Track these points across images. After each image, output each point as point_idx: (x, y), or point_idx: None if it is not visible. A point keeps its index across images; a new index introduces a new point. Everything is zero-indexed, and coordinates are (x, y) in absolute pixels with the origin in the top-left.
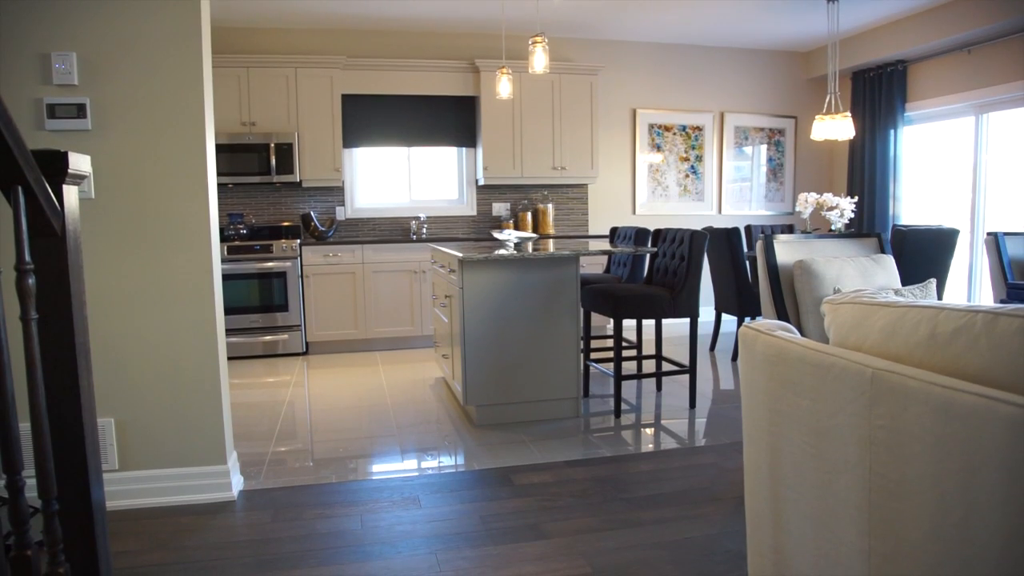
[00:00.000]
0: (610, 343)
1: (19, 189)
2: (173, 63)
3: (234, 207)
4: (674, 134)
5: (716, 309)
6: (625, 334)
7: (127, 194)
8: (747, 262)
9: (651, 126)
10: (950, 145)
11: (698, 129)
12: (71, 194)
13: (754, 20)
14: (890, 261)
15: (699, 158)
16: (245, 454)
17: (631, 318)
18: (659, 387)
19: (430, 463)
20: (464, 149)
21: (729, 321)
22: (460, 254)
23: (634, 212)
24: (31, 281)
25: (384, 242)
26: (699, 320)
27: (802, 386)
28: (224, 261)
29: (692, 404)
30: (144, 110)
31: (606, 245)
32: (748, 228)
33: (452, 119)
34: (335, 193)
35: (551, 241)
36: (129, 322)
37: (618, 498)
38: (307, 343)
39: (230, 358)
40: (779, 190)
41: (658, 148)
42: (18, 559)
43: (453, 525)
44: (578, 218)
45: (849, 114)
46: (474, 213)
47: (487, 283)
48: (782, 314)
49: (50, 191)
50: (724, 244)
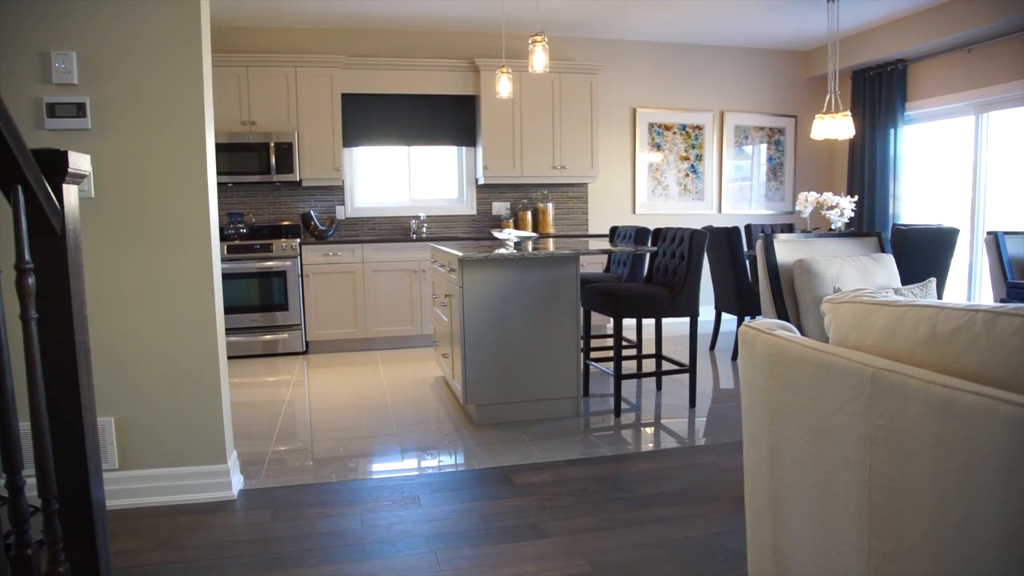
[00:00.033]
0: (610, 342)
1: (19, 188)
2: (173, 62)
3: (234, 206)
4: (674, 133)
5: (716, 308)
6: (625, 333)
7: (127, 193)
8: (747, 261)
9: (651, 125)
10: (950, 144)
11: (698, 128)
12: (71, 193)
13: (754, 19)
14: (890, 260)
15: (699, 157)
16: (245, 453)
17: (631, 317)
18: (659, 386)
19: (430, 462)
20: (464, 148)
21: (729, 320)
22: (460, 253)
23: (634, 211)
24: (31, 280)
25: (384, 241)
26: (699, 319)
27: (802, 385)
28: (224, 260)
29: (692, 403)
30: (144, 109)
31: (606, 244)
32: (748, 227)
33: (452, 118)
34: (335, 192)
35: (551, 240)
36: (129, 321)
37: (618, 497)
38: (307, 342)
39: (230, 357)
40: (779, 189)
41: (658, 147)
42: (18, 558)
43: (453, 524)
44: (578, 217)
45: (849, 113)
46: (474, 212)
47: (487, 282)
48: (782, 313)
49: (50, 190)
50: (724, 243)
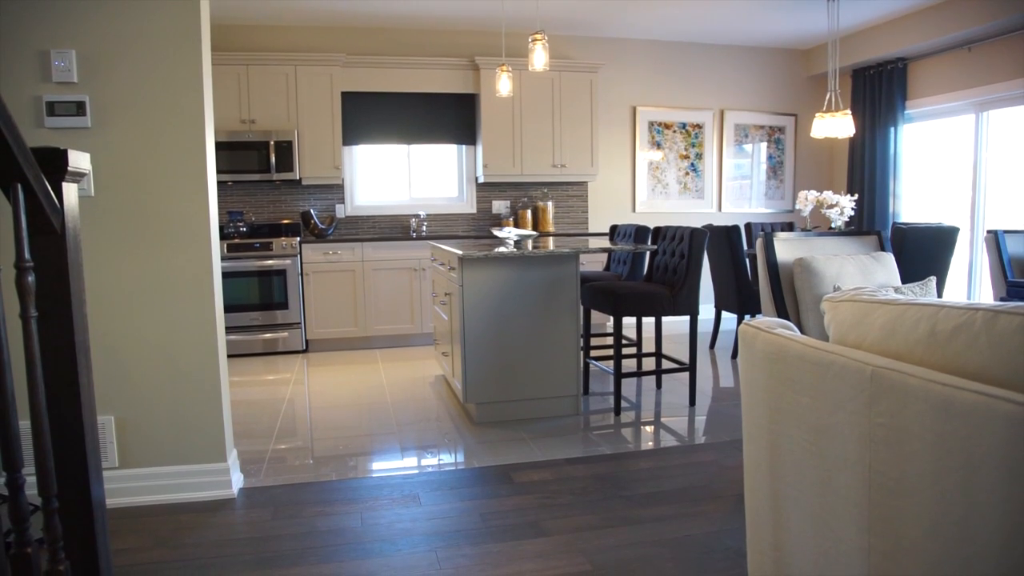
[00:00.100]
0: (610, 341)
1: (19, 187)
2: (173, 61)
3: (234, 205)
4: (674, 132)
5: (716, 307)
6: (625, 332)
7: (127, 192)
8: (747, 260)
9: (651, 124)
10: (950, 143)
11: (698, 127)
12: (71, 192)
13: (754, 17)
14: (890, 259)
15: (699, 156)
16: (245, 452)
17: (631, 316)
18: (659, 385)
19: (430, 461)
20: (464, 147)
21: (729, 319)
22: (460, 252)
23: (634, 210)
24: (31, 279)
25: (384, 240)
26: (699, 318)
27: (802, 384)
28: (224, 259)
29: (692, 402)
30: (144, 108)
31: (606, 243)
32: (748, 226)
33: (452, 116)
34: (335, 191)
35: (551, 239)
36: (129, 320)
37: (618, 496)
38: (307, 341)
39: (230, 356)
40: (779, 188)
41: (658, 146)
42: (18, 557)
43: (453, 523)
44: (578, 216)
45: (849, 112)
46: (474, 211)
47: (487, 281)
48: (782, 312)
49: (49, 189)
50: (724, 242)
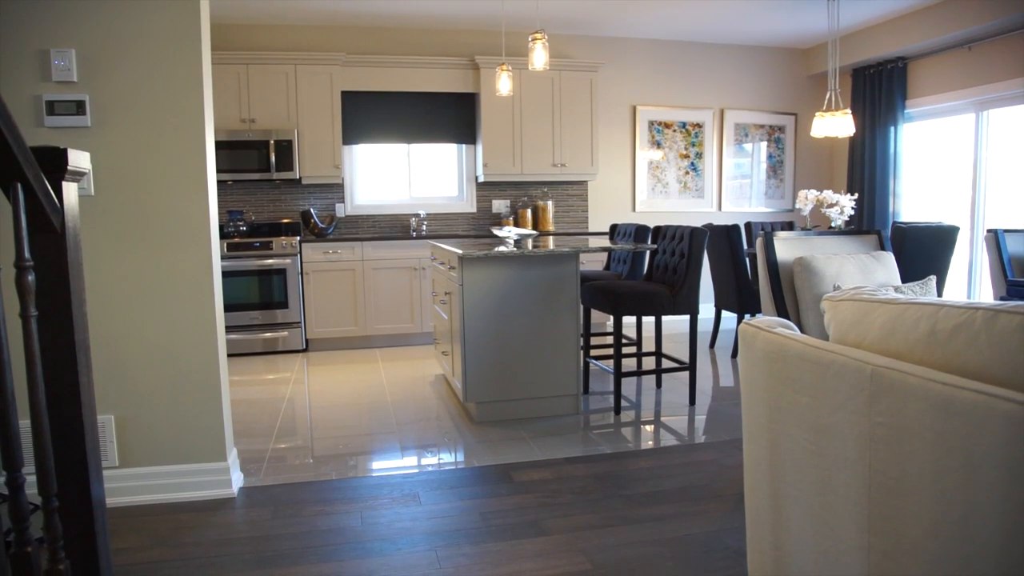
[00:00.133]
0: (610, 340)
1: (18, 186)
2: (173, 60)
3: (234, 204)
4: (674, 131)
5: (716, 306)
6: (625, 331)
7: (127, 191)
8: (747, 259)
9: (651, 123)
10: (950, 142)
11: (698, 126)
12: (70, 191)
13: (754, 17)
14: (890, 258)
15: (699, 155)
16: (245, 451)
17: (631, 315)
18: (659, 384)
19: (430, 460)
20: (464, 146)
21: (729, 318)
22: (460, 251)
23: (634, 209)
24: (31, 278)
25: (384, 239)
26: (699, 317)
27: (802, 383)
28: (224, 258)
29: (692, 401)
30: (144, 107)
31: (606, 242)
32: (748, 225)
33: (452, 116)
34: (335, 190)
35: (551, 238)
36: (129, 319)
37: (618, 495)
38: (307, 340)
39: (230, 355)
40: (779, 187)
41: (658, 145)
42: (18, 556)
43: (453, 522)
44: (578, 215)
45: (849, 111)
46: (474, 210)
47: (487, 280)
48: (782, 311)
49: (49, 188)
50: (724, 241)
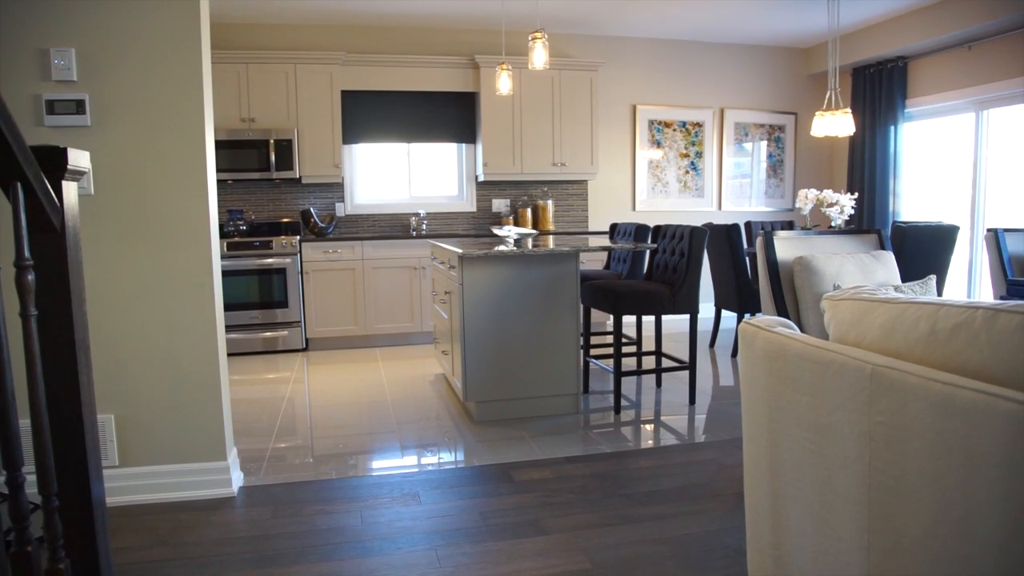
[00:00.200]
0: (610, 339)
1: (18, 185)
2: (173, 59)
3: (234, 203)
4: (674, 130)
5: (716, 305)
6: (625, 330)
7: (127, 190)
8: (747, 258)
9: (651, 122)
10: (950, 141)
11: (698, 125)
12: (70, 190)
13: (754, 16)
14: (890, 257)
15: (699, 154)
16: (245, 450)
17: (631, 314)
18: (659, 383)
19: (430, 459)
20: (464, 145)
21: (729, 317)
22: (460, 250)
23: (634, 208)
24: (31, 277)
25: (384, 238)
26: (699, 316)
27: (802, 382)
28: (224, 257)
29: (692, 400)
30: (144, 106)
31: (606, 241)
32: (748, 224)
33: (452, 115)
34: (335, 189)
35: (551, 237)
36: (129, 318)
37: (618, 494)
38: (307, 339)
39: (230, 354)
40: (779, 186)
41: (658, 144)
42: (18, 555)
43: (453, 521)
44: (578, 214)
45: (849, 110)
46: (474, 209)
47: (487, 279)
48: (782, 310)
49: (49, 187)
50: (724, 240)
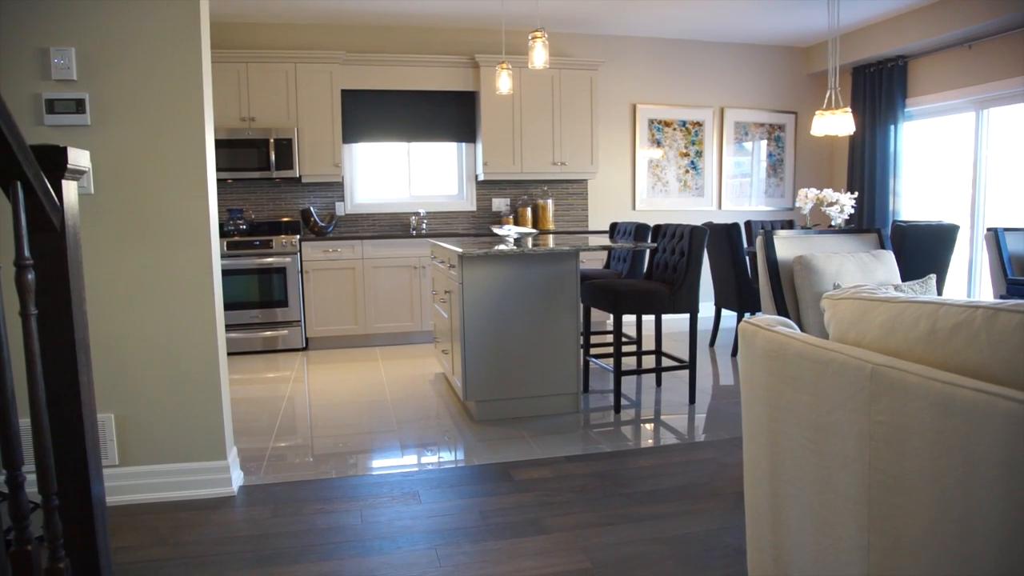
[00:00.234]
0: (610, 339)
1: (18, 184)
2: (173, 58)
3: (233, 203)
4: (674, 129)
5: (716, 305)
6: (625, 330)
7: (126, 190)
8: (747, 258)
9: (651, 121)
10: (950, 141)
11: (698, 124)
12: (70, 189)
13: (754, 15)
14: (890, 257)
15: (699, 153)
16: (245, 449)
17: (631, 313)
18: (659, 383)
19: (430, 458)
20: (464, 144)
21: (729, 317)
22: (460, 250)
23: (634, 207)
24: (30, 277)
25: (384, 238)
26: (699, 316)
27: (802, 381)
28: (224, 257)
29: (692, 400)
30: (144, 105)
31: (606, 241)
32: (748, 224)
33: (452, 114)
34: (335, 188)
35: (551, 237)
36: (129, 318)
37: (618, 493)
38: (307, 339)
39: (230, 354)
40: (779, 186)
41: (658, 143)
42: (18, 554)
43: (453, 520)
44: (578, 213)
45: (849, 109)
46: (474, 208)
47: (487, 279)
48: (782, 310)
49: (49, 187)
50: (724, 240)
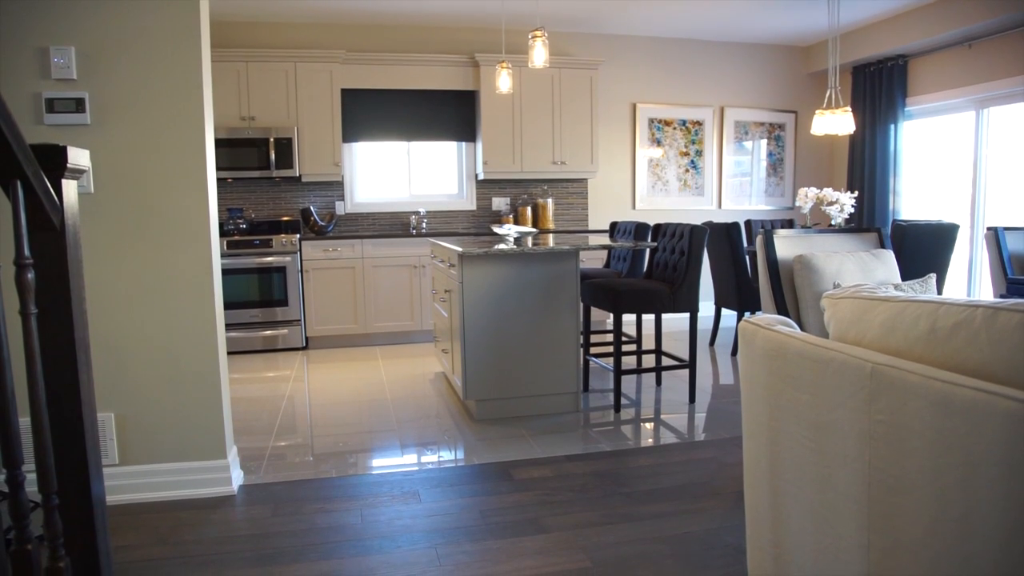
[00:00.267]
0: (610, 338)
1: (18, 183)
2: (173, 58)
3: (233, 202)
4: (674, 128)
5: (716, 304)
6: (625, 329)
7: (126, 189)
8: (747, 257)
9: (651, 120)
10: (950, 140)
11: (698, 124)
12: (70, 189)
13: (754, 14)
14: (890, 256)
15: (699, 153)
16: (245, 449)
17: (631, 313)
18: (659, 382)
19: (430, 457)
20: (464, 143)
21: (729, 316)
22: (460, 249)
23: (634, 207)
24: (30, 276)
25: (384, 237)
26: (699, 315)
27: (802, 381)
28: (224, 256)
29: (692, 399)
30: (144, 105)
31: (606, 240)
32: (748, 223)
33: (452, 113)
34: (335, 188)
35: (551, 236)
36: (129, 317)
37: (618, 492)
38: (307, 338)
39: (230, 353)
40: (779, 185)
41: (658, 143)
42: (18, 553)
43: (453, 519)
44: (578, 213)
45: (849, 109)
46: (474, 208)
47: (487, 278)
48: (782, 309)
49: (49, 186)
50: (724, 239)
